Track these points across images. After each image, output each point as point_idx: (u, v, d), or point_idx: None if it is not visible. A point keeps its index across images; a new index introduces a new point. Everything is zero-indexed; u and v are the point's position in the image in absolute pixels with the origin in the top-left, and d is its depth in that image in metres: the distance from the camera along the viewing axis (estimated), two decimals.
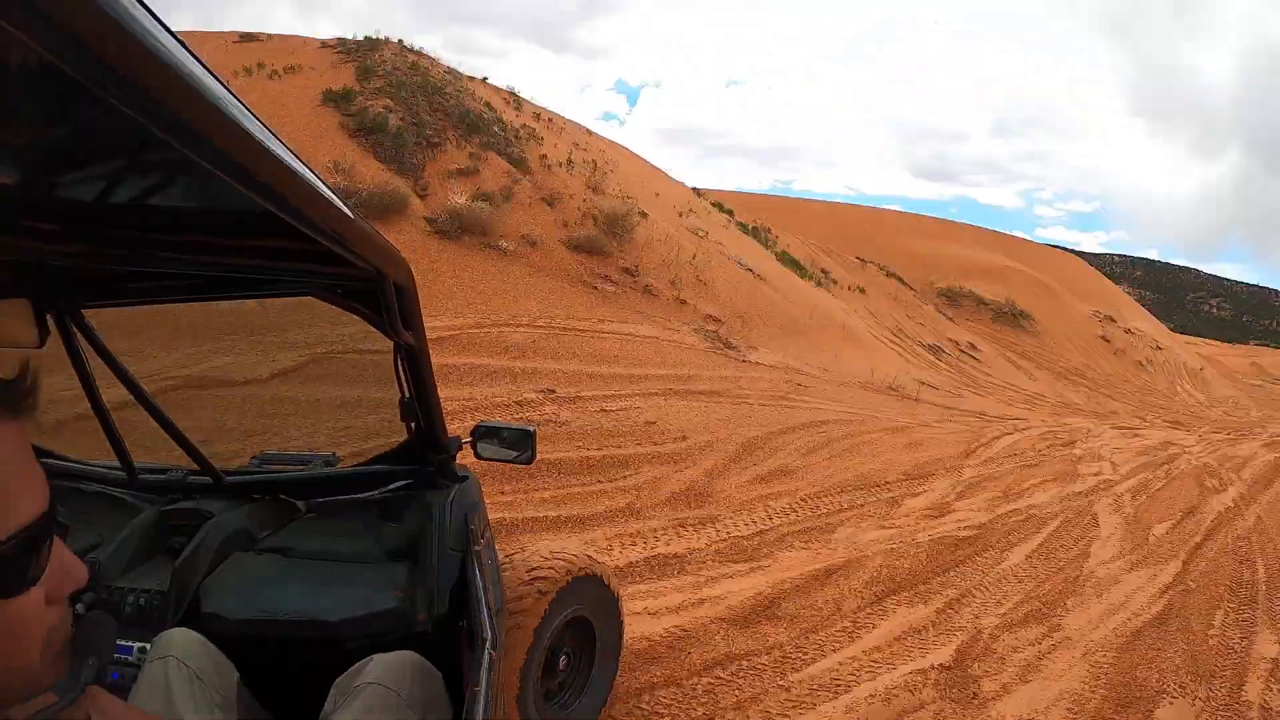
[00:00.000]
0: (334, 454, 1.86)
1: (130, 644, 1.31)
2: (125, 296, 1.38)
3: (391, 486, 1.63)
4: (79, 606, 1.33)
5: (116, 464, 1.59)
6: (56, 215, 0.89)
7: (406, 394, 1.38)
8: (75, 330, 1.37)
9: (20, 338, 1.30)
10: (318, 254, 0.93)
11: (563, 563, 1.91)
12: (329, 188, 0.71)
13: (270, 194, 0.60)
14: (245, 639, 1.26)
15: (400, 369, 1.33)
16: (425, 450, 1.55)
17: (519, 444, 1.77)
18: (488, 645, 1.16)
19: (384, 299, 1.09)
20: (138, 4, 0.40)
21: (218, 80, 0.48)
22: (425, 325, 1.24)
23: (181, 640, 1.14)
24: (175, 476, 1.62)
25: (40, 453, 1.74)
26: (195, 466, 1.60)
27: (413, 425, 1.48)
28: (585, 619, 2.04)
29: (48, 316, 1.33)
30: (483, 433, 1.74)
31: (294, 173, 0.61)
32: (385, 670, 1.10)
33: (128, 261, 1.15)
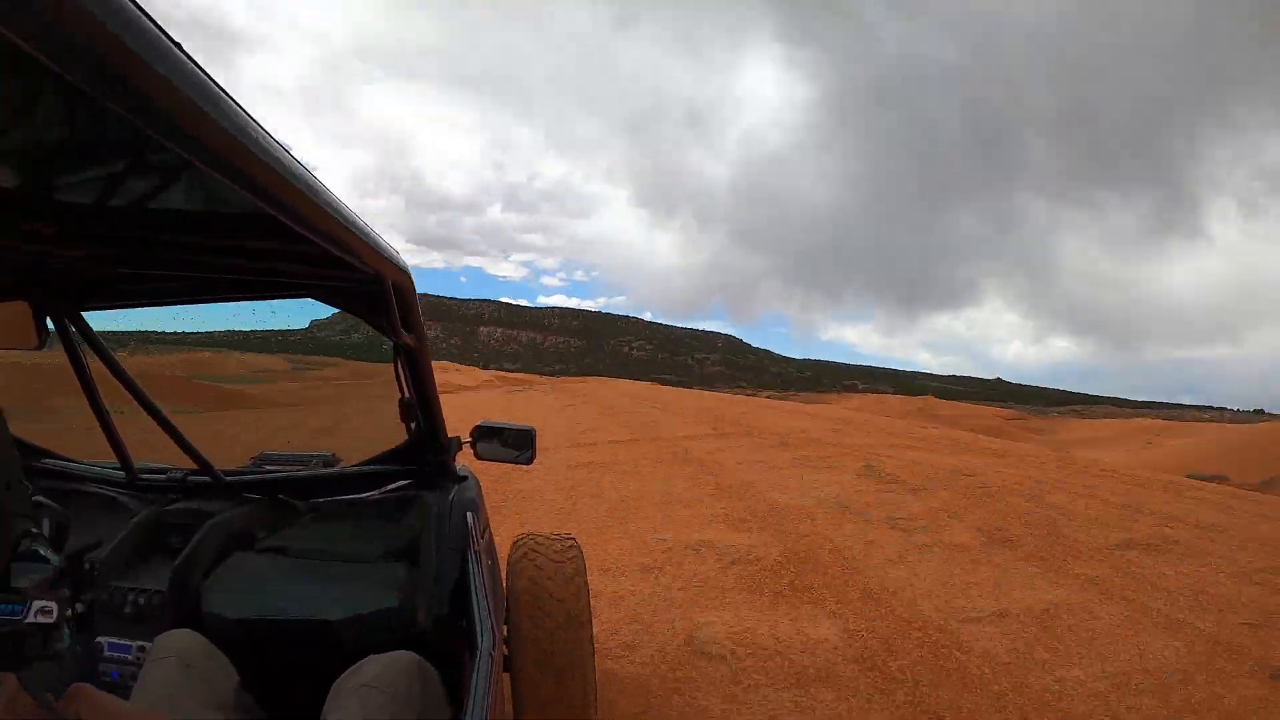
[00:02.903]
0: (333, 454, 1.86)
1: (130, 644, 1.32)
2: (125, 298, 1.38)
3: (391, 486, 1.63)
4: (79, 605, 1.33)
5: (116, 464, 1.59)
6: (56, 217, 0.90)
7: (406, 395, 1.38)
8: (75, 330, 1.37)
9: (20, 339, 1.30)
10: (318, 256, 0.94)
11: (574, 543, 1.92)
12: (329, 190, 0.71)
13: (270, 197, 0.60)
14: (245, 639, 1.26)
15: (400, 370, 1.33)
16: (425, 450, 1.55)
17: (519, 444, 1.77)
18: (487, 645, 1.16)
19: (384, 300, 1.09)
20: (136, 7, 0.40)
21: (216, 84, 0.49)
22: None
23: (181, 641, 1.14)
24: (175, 477, 1.62)
25: (40, 453, 1.75)
26: (195, 466, 1.60)
27: (412, 425, 1.48)
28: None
29: (48, 317, 1.33)
30: (482, 433, 1.74)
31: (294, 175, 0.61)
32: (384, 671, 1.10)
33: (128, 263, 1.15)
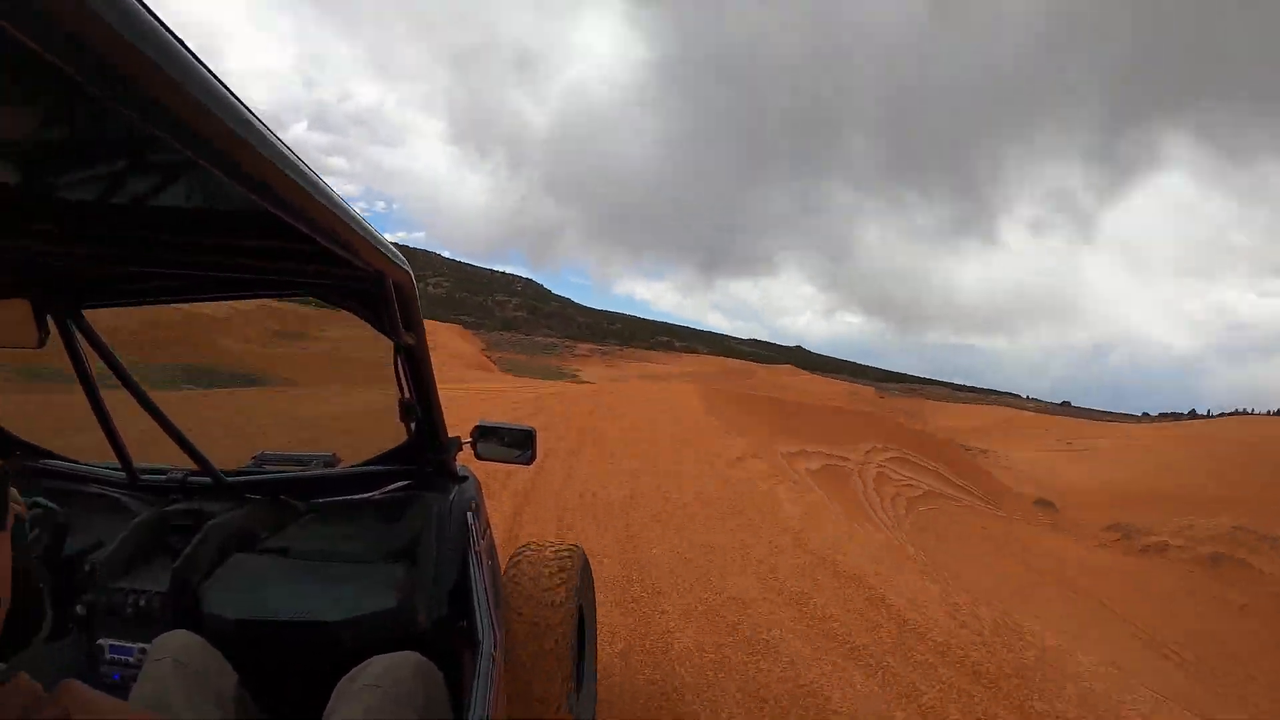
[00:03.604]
0: (333, 454, 1.86)
1: (130, 645, 1.31)
2: (125, 296, 1.38)
3: (391, 487, 1.63)
4: (79, 608, 1.33)
5: (116, 464, 1.59)
6: (57, 215, 0.89)
7: (406, 394, 1.38)
8: (75, 330, 1.37)
9: (20, 338, 1.30)
10: (318, 255, 0.93)
11: (574, 550, 1.92)
12: (330, 188, 0.71)
13: (271, 195, 0.60)
14: (245, 640, 1.26)
15: (400, 369, 1.33)
16: (425, 450, 1.55)
17: (519, 444, 1.77)
18: (488, 646, 1.16)
19: (384, 300, 1.09)
20: (138, 4, 0.40)
21: (218, 80, 0.48)
22: None
23: (181, 641, 1.14)
24: (175, 477, 1.62)
25: (40, 453, 1.75)
26: (195, 467, 1.60)
27: (412, 425, 1.48)
28: (581, 607, 2.04)
29: (48, 317, 1.32)
30: (482, 433, 1.74)
31: (295, 173, 0.61)
32: (388, 671, 1.10)
33: (128, 262, 1.15)
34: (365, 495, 1.62)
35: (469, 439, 1.71)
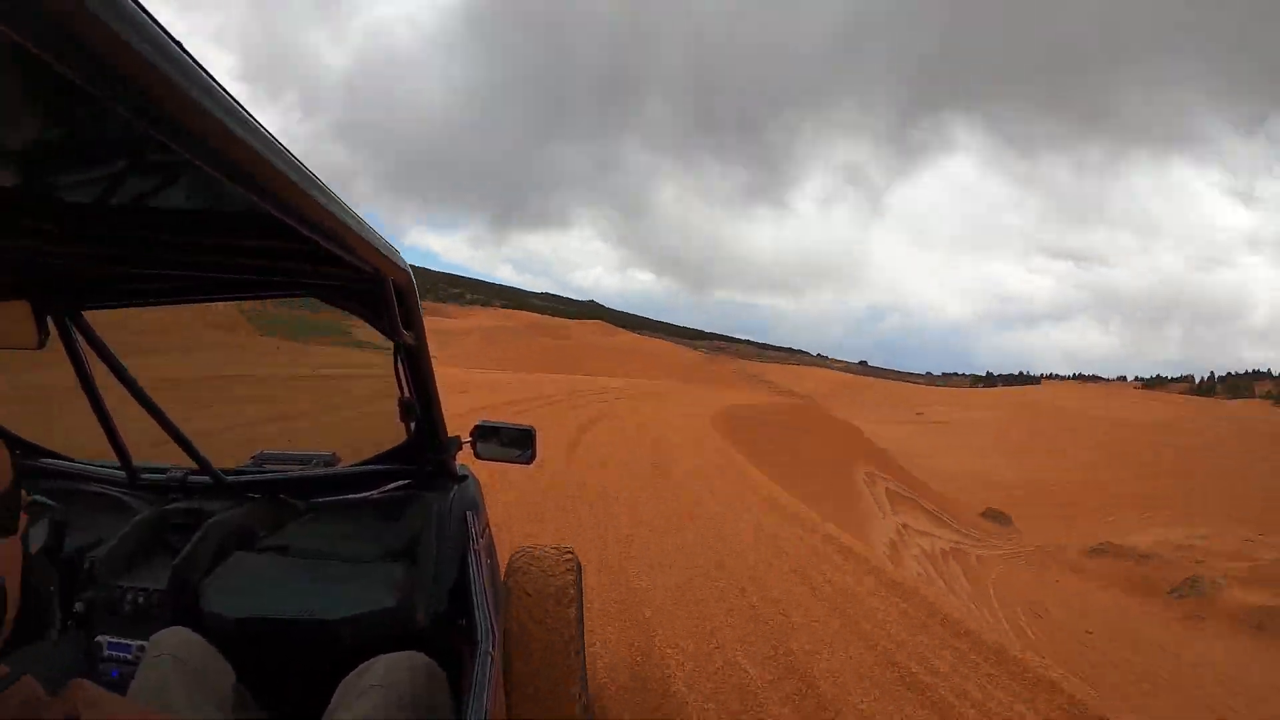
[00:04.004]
0: (333, 454, 1.86)
1: (129, 643, 1.31)
2: (125, 297, 1.38)
3: (391, 486, 1.63)
4: (78, 605, 1.33)
5: (116, 464, 1.59)
6: (56, 215, 0.90)
7: (406, 394, 1.38)
8: (75, 330, 1.37)
9: (20, 338, 1.30)
10: (319, 255, 0.94)
11: (572, 556, 1.91)
12: (330, 189, 0.71)
13: (271, 195, 0.60)
14: (244, 638, 1.26)
15: (400, 369, 1.33)
16: (425, 450, 1.55)
17: (519, 444, 1.77)
18: (487, 645, 1.16)
19: (384, 299, 1.09)
20: (137, 6, 0.40)
21: (217, 83, 0.49)
22: None
23: (179, 639, 1.14)
24: (175, 476, 1.62)
25: (40, 453, 1.75)
26: (195, 466, 1.60)
27: (412, 425, 1.48)
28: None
29: (48, 317, 1.33)
30: (482, 432, 1.74)
31: (294, 173, 0.61)
32: (392, 671, 1.10)
33: (128, 262, 1.15)
34: (365, 494, 1.62)
35: (469, 439, 1.71)
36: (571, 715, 1.63)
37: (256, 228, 0.90)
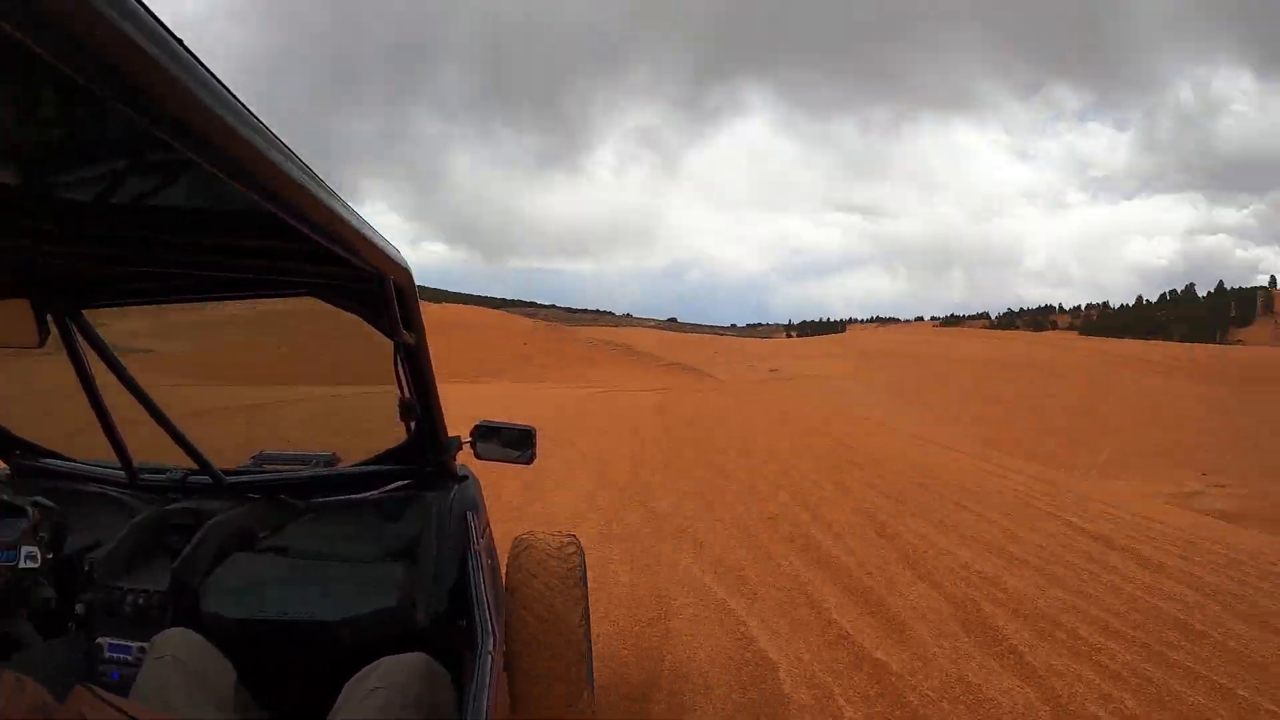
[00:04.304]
0: (333, 454, 1.86)
1: (130, 644, 1.31)
2: (125, 296, 1.38)
3: (391, 486, 1.63)
4: (78, 607, 1.33)
5: (116, 464, 1.59)
6: (57, 214, 0.89)
7: (406, 394, 1.38)
8: (75, 330, 1.37)
9: (20, 338, 1.30)
10: (318, 254, 0.93)
11: (574, 542, 1.91)
12: (330, 188, 0.71)
13: (271, 194, 0.60)
14: (244, 639, 1.26)
15: (400, 369, 1.33)
16: (425, 450, 1.55)
17: (519, 443, 1.77)
18: (488, 645, 1.16)
19: (384, 299, 1.09)
20: (138, 4, 0.40)
21: (218, 81, 0.48)
22: None
23: (180, 640, 1.14)
24: (175, 477, 1.62)
25: (40, 452, 1.74)
26: (195, 466, 1.60)
27: (412, 425, 1.48)
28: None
29: (48, 316, 1.32)
30: (482, 432, 1.74)
31: (294, 173, 0.61)
32: (396, 673, 1.10)
33: (128, 262, 1.15)
34: (365, 495, 1.62)
35: (469, 439, 1.71)
36: (576, 704, 1.64)
37: (257, 227, 0.90)
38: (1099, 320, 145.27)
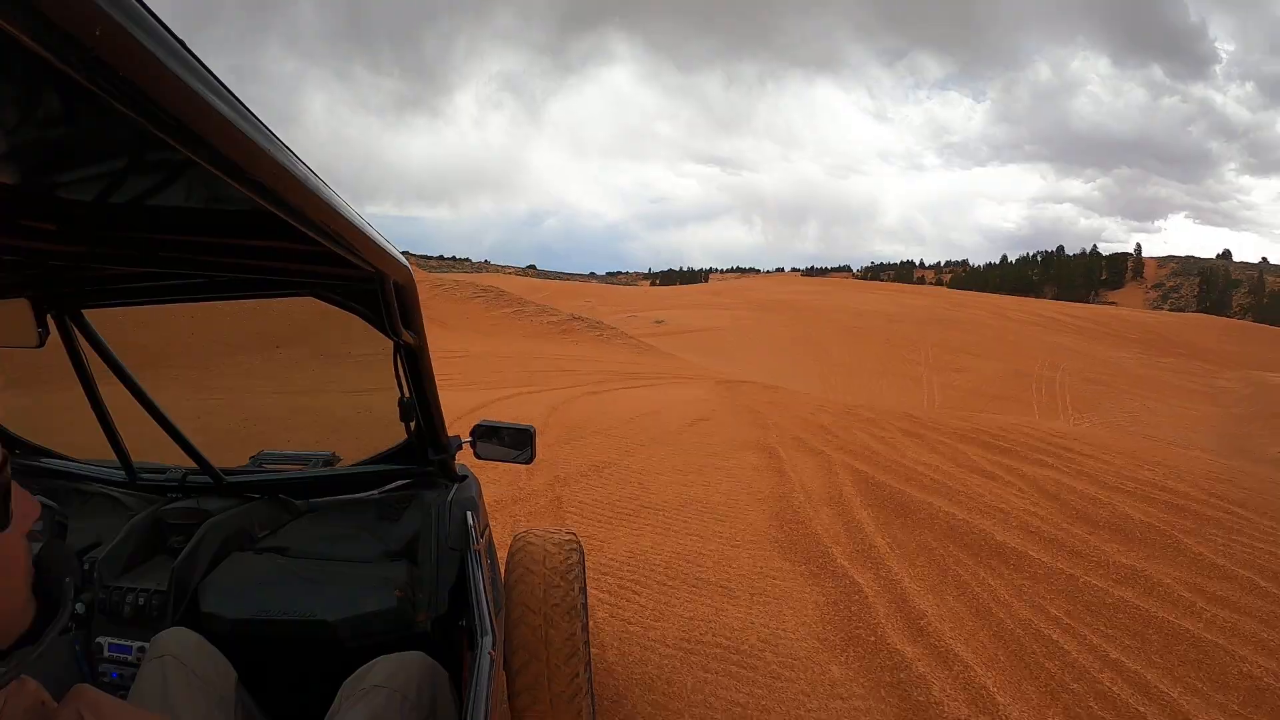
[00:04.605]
0: (333, 453, 1.86)
1: (129, 644, 1.31)
2: (125, 296, 1.38)
3: (390, 486, 1.63)
4: (78, 605, 1.33)
5: (116, 464, 1.59)
6: (56, 214, 0.89)
7: (406, 394, 1.38)
8: (75, 330, 1.37)
9: (20, 338, 1.30)
10: (318, 254, 0.93)
11: (574, 539, 1.91)
12: (330, 189, 0.71)
13: (270, 195, 0.60)
14: (243, 638, 1.26)
15: (400, 369, 1.33)
16: (425, 450, 1.55)
17: (519, 443, 1.77)
18: (488, 644, 1.16)
19: (384, 299, 1.09)
20: (138, 4, 0.40)
21: (218, 81, 0.48)
22: None
23: (179, 639, 1.14)
24: (174, 476, 1.62)
25: (40, 452, 1.74)
26: (194, 466, 1.60)
27: (412, 425, 1.48)
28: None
29: (48, 316, 1.32)
30: (482, 432, 1.74)
31: (294, 173, 0.61)
32: (394, 672, 1.10)
33: (128, 262, 1.15)
34: (365, 495, 1.62)
35: (469, 438, 1.71)
36: (574, 702, 1.63)
37: (257, 227, 0.90)
38: (966, 276, 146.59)
